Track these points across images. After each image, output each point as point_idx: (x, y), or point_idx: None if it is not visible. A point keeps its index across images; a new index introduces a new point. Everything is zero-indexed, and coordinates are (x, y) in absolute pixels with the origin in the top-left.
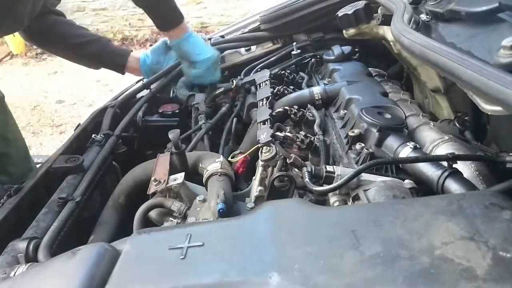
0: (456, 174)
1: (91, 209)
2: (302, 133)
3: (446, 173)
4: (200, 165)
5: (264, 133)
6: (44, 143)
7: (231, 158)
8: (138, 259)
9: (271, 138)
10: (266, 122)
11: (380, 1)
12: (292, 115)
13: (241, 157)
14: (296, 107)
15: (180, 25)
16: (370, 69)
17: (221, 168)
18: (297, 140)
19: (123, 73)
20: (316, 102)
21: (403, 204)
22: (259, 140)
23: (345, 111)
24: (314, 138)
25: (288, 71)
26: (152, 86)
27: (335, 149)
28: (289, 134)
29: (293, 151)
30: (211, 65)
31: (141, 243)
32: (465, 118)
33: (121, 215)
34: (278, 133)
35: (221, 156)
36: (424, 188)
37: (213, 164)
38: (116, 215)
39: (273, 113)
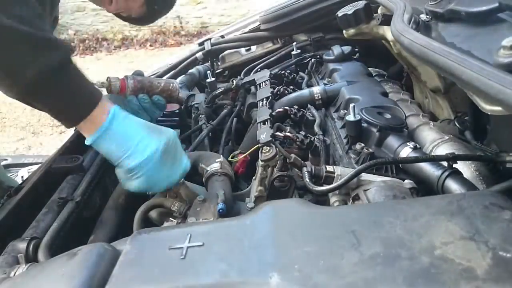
0: (456, 174)
1: (91, 209)
2: (302, 133)
3: (446, 173)
4: (200, 165)
5: (264, 133)
6: (44, 143)
7: (231, 158)
8: (138, 259)
9: (271, 138)
10: (266, 122)
11: (380, 1)
12: (292, 115)
13: (241, 157)
14: (296, 107)
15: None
16: (370, 69)
17: (221, 168)
18: (297, 140)
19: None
20: (316, 102)
21: (403, 204)
22: (259, 140)
23: (345, 111)
24: (314, 138)
25: (288, 71)
26: None
27: (335, 149)
28: (289, 134)
29: (293, 151)
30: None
31: (141, 243)
32: (465, 118)
33: (121, 215)
34: (278, 133)
35: (221, 156)
36: (424, 188)
37: (213, 164)
38: (116, 215)
39: (273, 113)
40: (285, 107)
